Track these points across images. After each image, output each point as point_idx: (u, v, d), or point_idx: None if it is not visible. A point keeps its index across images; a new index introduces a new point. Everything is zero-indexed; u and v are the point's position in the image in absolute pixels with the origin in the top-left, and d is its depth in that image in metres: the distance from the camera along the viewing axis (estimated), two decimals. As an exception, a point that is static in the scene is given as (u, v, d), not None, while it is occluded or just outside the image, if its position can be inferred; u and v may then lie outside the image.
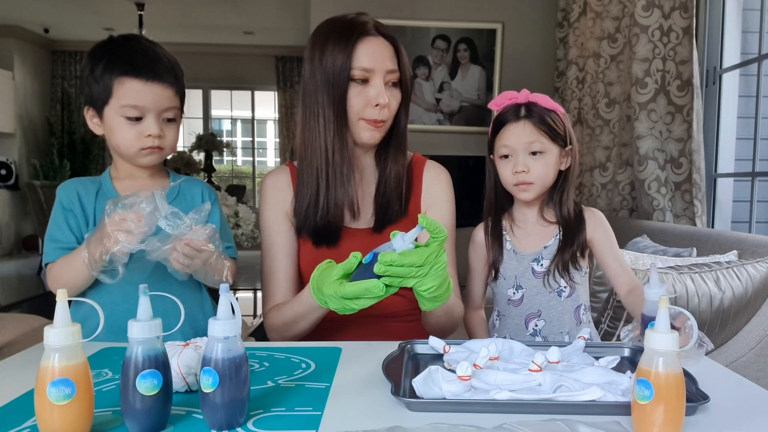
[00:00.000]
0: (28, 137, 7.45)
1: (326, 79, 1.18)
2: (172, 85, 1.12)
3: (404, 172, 1.28)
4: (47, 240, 1.12)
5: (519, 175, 1.19)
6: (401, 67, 1.22)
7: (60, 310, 0.65)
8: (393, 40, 1.22)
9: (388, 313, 1.26)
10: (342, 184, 1.21)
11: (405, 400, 0.75)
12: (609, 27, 2.93)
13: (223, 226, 1.22)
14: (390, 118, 1.22)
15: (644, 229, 2.37)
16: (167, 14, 6.41)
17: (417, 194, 1.31)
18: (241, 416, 0.71)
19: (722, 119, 2.66)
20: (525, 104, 1.21)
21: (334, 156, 1.20)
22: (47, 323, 0.67)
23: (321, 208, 1.21)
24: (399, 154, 1.27)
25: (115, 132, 1.11)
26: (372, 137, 1.21)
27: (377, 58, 1.18)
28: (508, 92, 1.24)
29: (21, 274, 6.15)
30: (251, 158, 8.79)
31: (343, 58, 1.16)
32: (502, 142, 1.22)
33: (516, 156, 1.20)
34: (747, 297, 1.61)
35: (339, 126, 1.19)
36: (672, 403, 0.66)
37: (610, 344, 1.02)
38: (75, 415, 0.65)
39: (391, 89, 1.21)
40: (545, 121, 1.20)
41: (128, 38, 1.15)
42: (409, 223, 1.27)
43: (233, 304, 0.71)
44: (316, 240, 1.25)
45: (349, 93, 1.18)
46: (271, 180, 1.31)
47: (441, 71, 4.05)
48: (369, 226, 1.27)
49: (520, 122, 1.20)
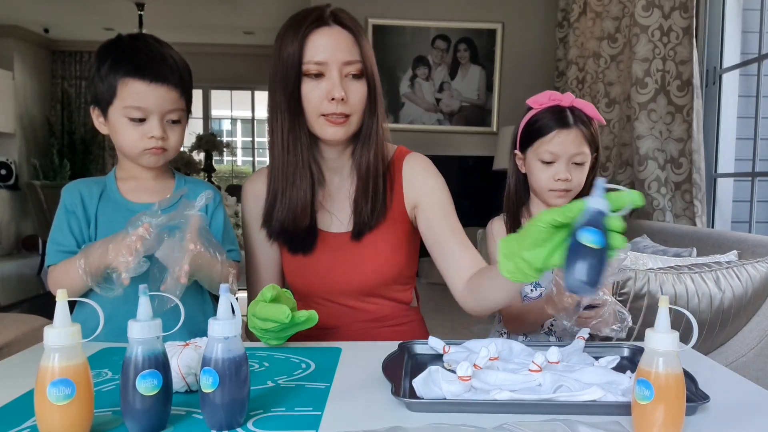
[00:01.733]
0: (28, 137, 7.45)
1: (282, 74, 1.12)
2: (177, 86, 1.10)
3: (380, 170, 1.19)
4: (49, 242, 1.12)
5: (560, 182, 1.19)
6: (363, 56, 1.13)
7: (60, 310, 0.65)
8: (351, 28, 1.13)
9: (378, 317, 1.24)
10: (295, 185, 1.16)
11: (405, 400, 0.75)
12: (609, 27, 2.93)
13: (227, 229, 1.21)
14: (356, 113, 1.14)
15: (644, 229, 2.37)
16: (167, 14, 6.41)
17: (398, 191, 1.22)
18: (241, 416, 0.71)
19: (722, 119, 2.66)
20: (569, 108, 1.19)
21: (288, 156, 1.15)
22: (47, 323, 0.67)
23: (277, 211, 1.18)
24: (367, 152, 1.18)
25: (119, 132, 1.11)
26: (335, 134, 1.13)
27: (330, 49, 1.10)
28: (552, 92, 1.22)
29: (21, 274, 6.15)
30: (251, 158, 8.79)
31: (295, 51, 1.10)
32: (547, 148, 1.19)
33: (559, 163, 1.19)
34: (747, 297, 1.61)
35: (292, 124, 1.14)
36: (672, 403, 0.66)
37: (610, 344, 1.02)
38: (75, 416, 0.65)
39: (352, 81, 1.12)
40: (592, 133, 1.19)
41: (135, 38, 1.13)
42: (391, 224, 1.21)
43: (233, 305, 0.71)
44: (289, 246, 1.21)
45: (304, 88, 1.11)
46: (249, 187, 1.27)
47: (441, 71, 4.05)
48: (346, 230, 1.22)
49: (572, 131, 1.18)
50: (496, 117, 4.06)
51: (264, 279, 1.26)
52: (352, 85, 1.12)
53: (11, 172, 7.04)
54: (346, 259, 1.21)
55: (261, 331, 1.00)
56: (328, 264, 1.21)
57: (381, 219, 1.19)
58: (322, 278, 1.21)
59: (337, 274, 1.21)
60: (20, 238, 7.39)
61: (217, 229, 1.19)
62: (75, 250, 1.10)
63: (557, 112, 1.19)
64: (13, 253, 7.23)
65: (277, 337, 1.02)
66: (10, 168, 7.03)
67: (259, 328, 0.99)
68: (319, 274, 1.21)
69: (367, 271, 1.20)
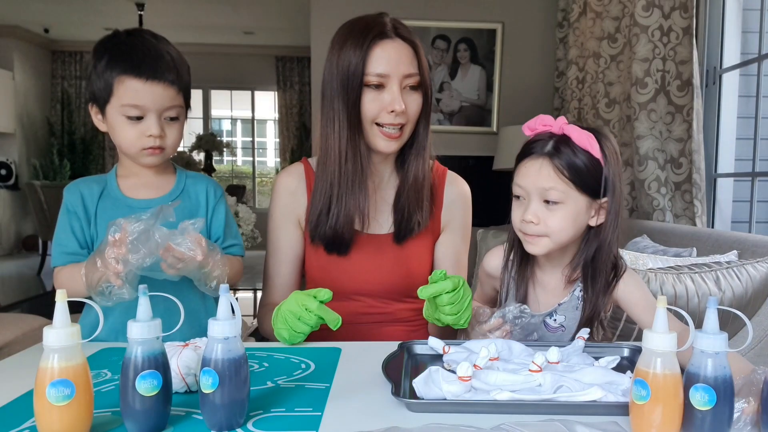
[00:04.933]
0: (28, 137, 7.45)
1: (341, 83, 1.15)
2: (174, 83, 1.10)
3: (425, 181, 1.24)
4: (54, 243, 1.13)
5: (525, 224, 1.00)
6: (421, 70, 1.17)
7: (59, 310, 0.65)
8: (412, 41, 1.17)
9: (397, 318, 1.27)
10: (353, 194, 1.18)
11: (405, 400, 0.75)
12: (609, 27, 2.92)
13: (230, 223, 1.21)
14: (410, 123, 1.19)
15: (644, 229, 2.37)
16: (167, 14, 6.41)
17: (438, 206, 1.28)
18: (240, 417, 0.71)
19: (722, 119, 2.65)
20: (556, 137, 0.99)
21: (347, 164, 1.17)
22: (47, 323, 0.67)
23: (331, 218, 1.20)
24: (419, 161, 1.23)
25: (117, 131, 1.10)
26: (388, 146, 1.18)
27: (393, 62, 1.14)
28: (545, 117, 1.02)
29: (21, 274, 6.15)
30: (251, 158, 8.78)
31: (357, 62, 1.13)
32: (516, 179, 1.02)
33: (528, 200, 1.00)
34: (747, 297, 1.61)
35: (352, 133, 1.16)
36: (669, 404, 0.66)
37: (610, 344, 1.02)
38: (74, 416, 0.65)
39: (409, 93, 1.17)
40: (572, 165, 0.96)
41: (132, 34, 1.13)
42: (430, 234, 1.28)
43: (233, 305, 0.71)
44: (327, 247, 1.24)
45: (364, 98, 1.15)
46: (284, 181, 1.29)
47: (441, 71, 4.04)
48: (387, 232, 1.25)
49: (539, 161, 0.98)
50: (496, 117, 4.05)
51: (285, 273, 1.28)
52: (409, 97, 1.17)
53: (11, 172, 7.04)
54: (387, 260, 1.25)
55: (291, 330, 1.02)
56: (363, 264, 1.24)
57: (422, 227, 1.25)
58: (352, 277, 1.24)
59: (372, 274, 1.24)
60: (20, 238, 7.39)
61: (219, 224, 1.19)
62: (78, 251, 1.10)
63: (541, 138, 1.00)
64: (13, 253, 7.24)
65: (297, 337, 1.04)
66: (10, 168, 7.03)
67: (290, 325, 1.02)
68: (349, 272, 1.24)
69: (403, 274, 1.25)
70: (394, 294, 1.26)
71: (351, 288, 1.25)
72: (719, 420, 0.66)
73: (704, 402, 0.65)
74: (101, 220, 1.12)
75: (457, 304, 0.99)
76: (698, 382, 0.65)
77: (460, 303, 1.00)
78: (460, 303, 1.00)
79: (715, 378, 0.65)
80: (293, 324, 1.02)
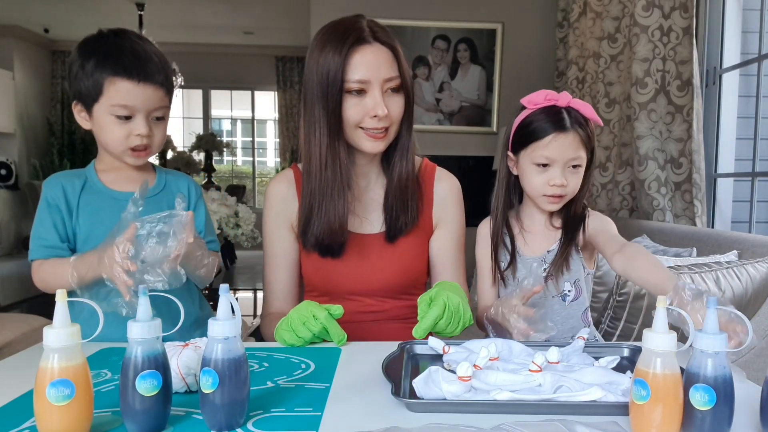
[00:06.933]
0: (28, 137, 7.44)
1: (321, 90, 1.14)
2: (163, 85, 1.12)
3: (412, 179, 1.24)
4: (32, 237, 1.13)
5: (556, 188, 1.12)
6: (401, 72, 1.17)
7: (59, 310, 0.65)
8: (390, 45, 1.16)
9: (394, 316, 1.27)
10: (332, 201, 1.18)
11: (405, 400, 0.75)
12: (609, 27, 2.92)
13: (207, 221, 1.24)
14: (394, 124, 1.19)
15: (644, 229, 2.37)
16: (167, 14, 6.41)
17: (428, 204, 1.29)
18: (240, 417, 0.71)
19: (722, 119, 2.65)
20: (566, 110, 1.12)
21: (326, 171, 1.17)
22: (47, 323, 0.67)
23: (313, 225, 1.20)
24: (404, 162, 1.23)
25: (104, 130, 1.12)
26: (374, 147, 1.18)
27: (372, 67, 1.13)
28: (548, 92, 1.15)
29: (21, 274, 6.14)
30: (251, 158, 8.78)
31: (337, 69, 1.12)
32: (543, 152, 1.12)
33: (555, 168, 1.12)
34: (747, 297, 1.61)
35: (332, 140, 1.16)
36: (669, 404, 0.66)
37: (610, 344, 1.02)
38: (74, 416, 0.65)
39: (391, 96, 1.17)
40: (589, 135, 1.13)
41: (118, 34, 1.14)
42: (422, 231, 1.28)
43: (233, 305, 0.71)
44: (321, 253, 1.24)
45: (346, 104, 1.14)
46: (275, 188, 1.30)
47: (441, 71, 4.04)
48: (379, 231, 1.26)
49: (569, 134, 1.11)
50: (496, 117, 4.05)
51: (283, 279, 1.29)
52: (391, 99, 1.17)
53: (11, 172, 7.03)
54: (379, 259, 1.25)
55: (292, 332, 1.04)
56: (357, 264, 1.25)
57: (413, 225, 1.25)
58: (347, 277, 1.25)
59: (367, 273, 1.25)
60: (20, 238, 7.37)
61: (201, 220, 1.22)
62: (58, 244, 1.11)
63: (554, 114, 1.12)
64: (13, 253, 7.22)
65: (297, 341, 1.05)
66: (10, 168, 7.02)
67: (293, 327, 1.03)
68: (344, 273, 1.25)
69: (398, 272, 1.25)
70: (390, 292, 1.27)
71: (347, 288, 1.25)
72: (719, 420, 0.66)
73: (704, 402, 0.65)
74: (84, 213, 1.14)
75: (453, 319, 1.01)
76: (698, 382, 0.66)
77: (455, 316, 1.01)
78: (455, 316, 1.01)
79: (715, 378, 0.65)
80: (296, 327, 1.02)
